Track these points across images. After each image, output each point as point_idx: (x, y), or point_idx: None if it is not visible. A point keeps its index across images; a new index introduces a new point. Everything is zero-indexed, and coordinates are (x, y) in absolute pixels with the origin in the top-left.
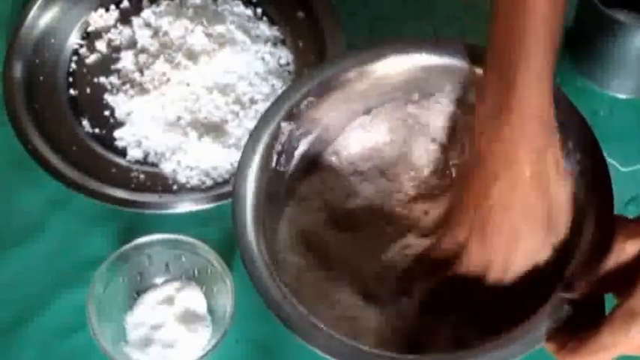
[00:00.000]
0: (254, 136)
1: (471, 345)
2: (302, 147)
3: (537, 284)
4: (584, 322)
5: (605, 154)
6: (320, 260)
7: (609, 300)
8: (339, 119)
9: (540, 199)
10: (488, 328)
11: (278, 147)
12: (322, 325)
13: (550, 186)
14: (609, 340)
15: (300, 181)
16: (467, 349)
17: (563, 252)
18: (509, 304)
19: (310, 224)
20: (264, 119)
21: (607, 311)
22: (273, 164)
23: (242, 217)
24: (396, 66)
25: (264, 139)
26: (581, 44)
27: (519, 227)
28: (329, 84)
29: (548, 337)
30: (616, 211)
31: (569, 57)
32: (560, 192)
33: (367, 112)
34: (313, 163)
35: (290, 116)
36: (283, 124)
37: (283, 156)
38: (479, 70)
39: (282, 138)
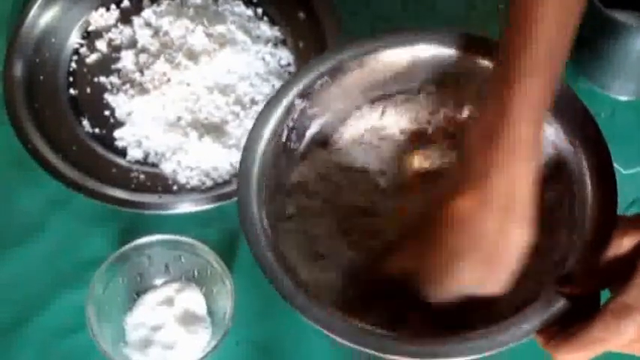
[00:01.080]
0: (266, 110)
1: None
2: (314, 128)
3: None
4: (578, 316)
5: None
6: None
7: (604, 296)
8: (349, 104)
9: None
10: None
11: (290, 122)
12: (323, 302)
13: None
14: (600, 333)
15: (307, 164)
16: (455, 335)
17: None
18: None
19: (311, 209)
20: (277, 95)
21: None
22: (284, 139)
23: (246, 187)
24: (413, 55)
25: (277, 113)
26: (583, 46)
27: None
28: (343, 67)
29: (538, 330)
30: (618, 214)
31: (570, 59)
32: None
33: (378, 99)
34: (323, 145)
35: (303, 94)
36: (297, 101)
37: (294, 132)
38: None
39: (295, 114)
